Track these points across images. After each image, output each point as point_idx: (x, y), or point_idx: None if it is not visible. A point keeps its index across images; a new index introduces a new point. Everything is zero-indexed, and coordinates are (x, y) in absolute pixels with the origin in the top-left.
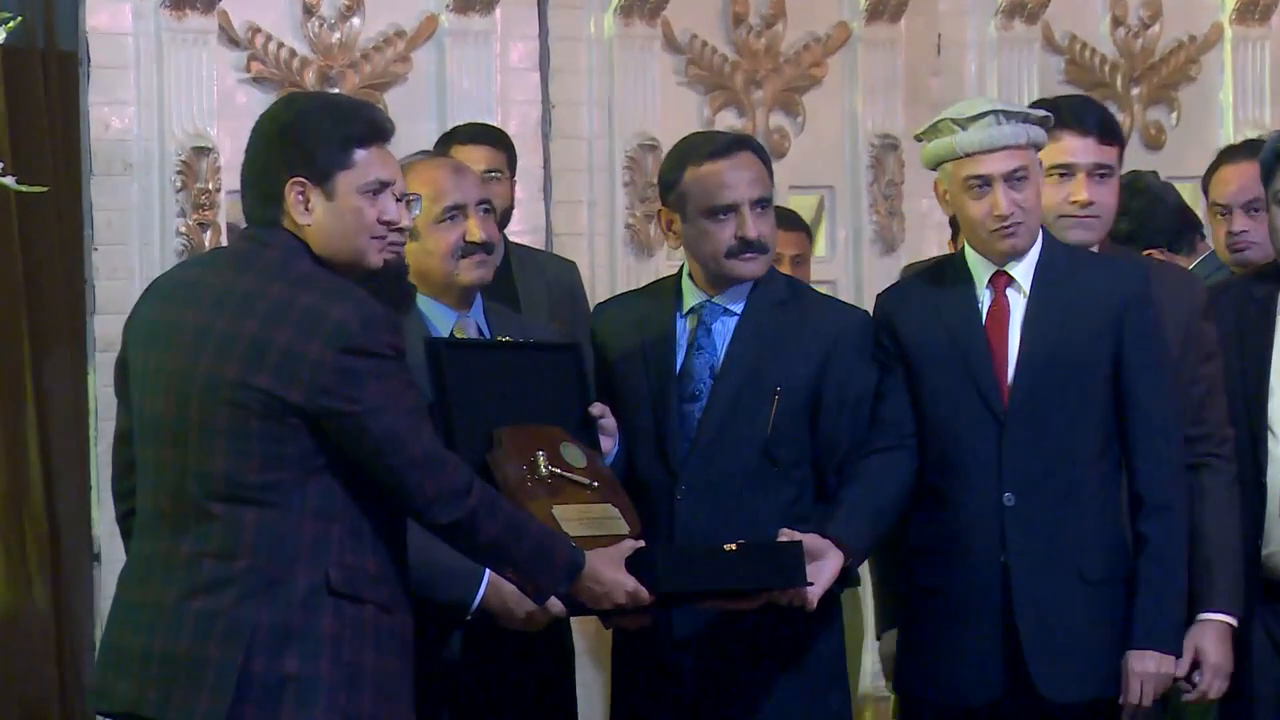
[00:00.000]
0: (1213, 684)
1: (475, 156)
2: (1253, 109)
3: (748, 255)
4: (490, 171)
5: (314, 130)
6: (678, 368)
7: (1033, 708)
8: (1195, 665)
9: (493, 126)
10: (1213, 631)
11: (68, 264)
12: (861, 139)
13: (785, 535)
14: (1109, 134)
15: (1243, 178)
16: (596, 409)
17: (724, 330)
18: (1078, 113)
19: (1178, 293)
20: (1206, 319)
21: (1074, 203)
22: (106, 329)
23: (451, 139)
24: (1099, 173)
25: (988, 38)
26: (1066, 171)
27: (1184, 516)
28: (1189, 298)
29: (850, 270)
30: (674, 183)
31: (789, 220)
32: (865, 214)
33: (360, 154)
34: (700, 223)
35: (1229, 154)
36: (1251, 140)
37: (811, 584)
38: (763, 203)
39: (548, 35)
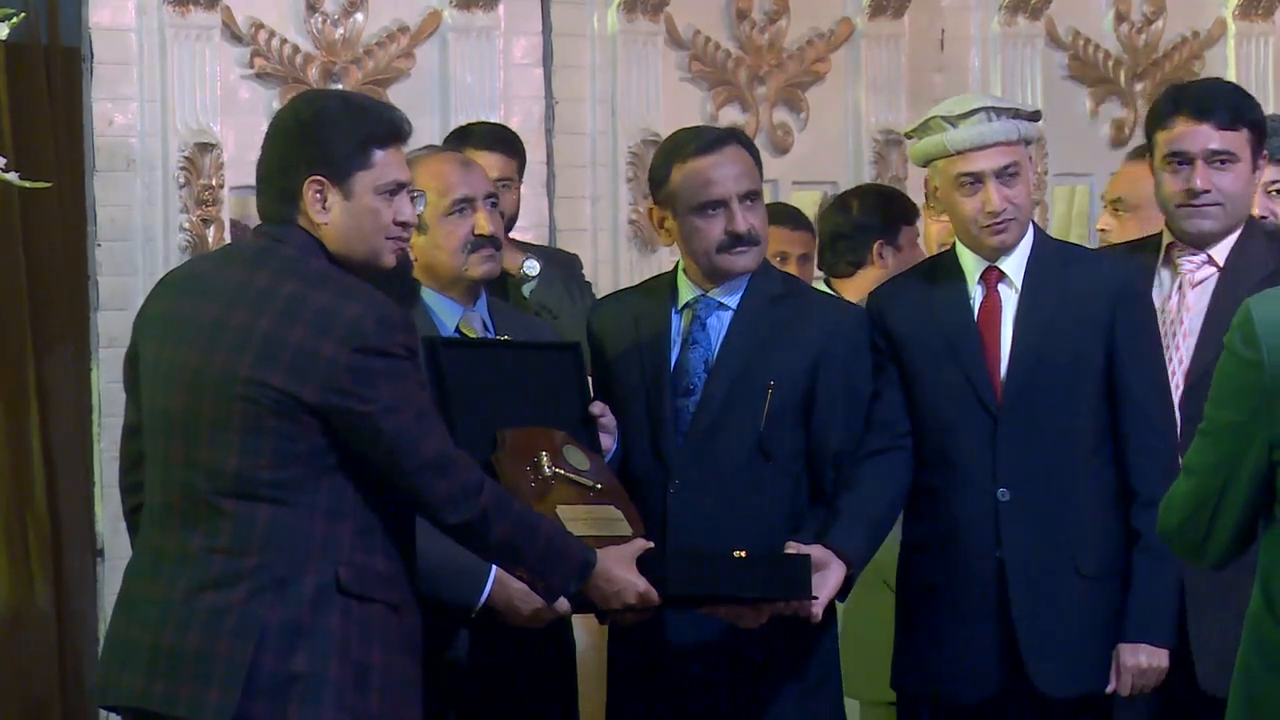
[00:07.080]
0: None
1: (490, 163)
2: None
3: (739, 249)
4: (502, 180)
5: (334, 129)
6: (672, 363)
7: (1029, 703)
8: None
9: (507, 130)
10: None
11: (71, 260)
12: (865, 135)
13: (792, 547)
14: (1233, 119)
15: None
16: (596, 408)
17: (719, 325)
18: (1196, 98)
19: None
20: None
21: (1187, 191)
22: (109, 325)
23: (465, 141)
24: (1218, 160)
25: (991, 33)
26: (1182, 159)
27: None
28: None
29: None
30: (663, 180)
31: (795, 219)
32: None
33: (379, 154)
34: (690, 219)
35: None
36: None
37: (816, 597)
38: (751, 196)
39: (551, 31)
